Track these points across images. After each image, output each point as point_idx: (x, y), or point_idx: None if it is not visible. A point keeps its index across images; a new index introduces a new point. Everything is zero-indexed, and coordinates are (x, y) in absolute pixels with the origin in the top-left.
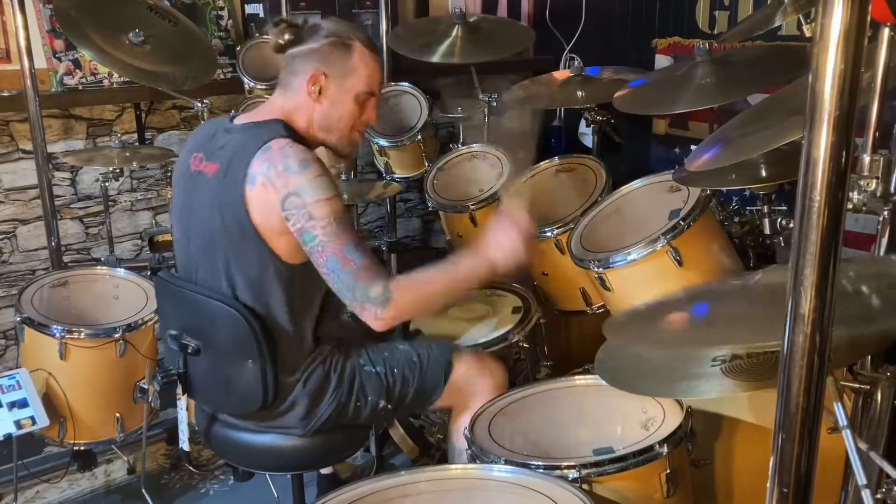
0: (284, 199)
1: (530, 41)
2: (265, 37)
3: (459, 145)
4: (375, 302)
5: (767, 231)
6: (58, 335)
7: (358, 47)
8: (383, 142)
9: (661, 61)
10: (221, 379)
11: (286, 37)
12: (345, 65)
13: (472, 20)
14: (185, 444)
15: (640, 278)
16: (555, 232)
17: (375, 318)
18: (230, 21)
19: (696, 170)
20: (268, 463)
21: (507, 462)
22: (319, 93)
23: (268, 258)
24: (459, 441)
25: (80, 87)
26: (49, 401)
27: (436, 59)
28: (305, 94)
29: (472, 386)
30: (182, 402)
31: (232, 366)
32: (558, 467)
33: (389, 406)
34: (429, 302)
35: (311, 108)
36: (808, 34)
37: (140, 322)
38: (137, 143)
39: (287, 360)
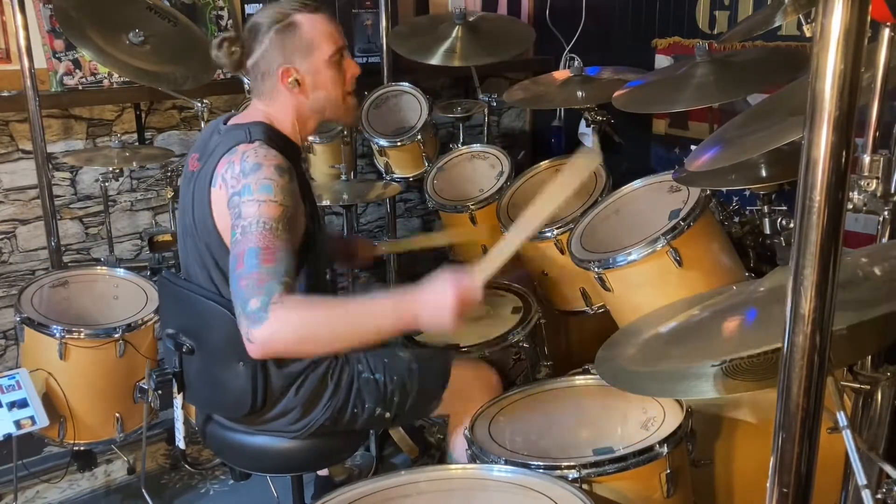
0: (230, 198)
1: (530, 41)
2: (217, 58)
3: (459, 145)
4: (250, 318)
5: (767, 231)
6: (57, 335)
7: (301, 18)
8: (383, 142)
9: (661, 61)
10: (213, 380)
11: (234, 52)
12: (302, 44)
13: (472, 19)
14: (181, 443)
15: (640, 279)
16: (555, 232)
17: (247, 339)
18: (230, 21)
19: (696, 170)
20: (264, 464)
21: (507, 462)
22: (298, 84)
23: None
24: (457, 452)
25: (80, 87)
26: (49, 401)
27: (435, 60)
28: (286, 92)
29: (468, 394)
30: (178, 400)
31: (224, 367)
32: (558, 467)
33: (387, 414)
34: (314, 333)
35: (296, 101)
36: (808, 34)
37: (140, 322)
38: (137, 143)
39: (279, 364)
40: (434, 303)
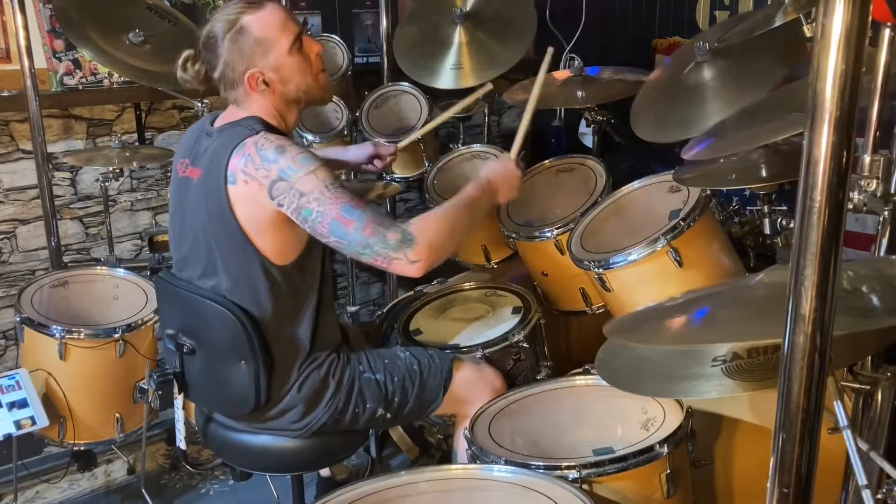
0: (271, 188)
1: (532, 31)
2: (184, 80)
3: (459, 145)
4: (399, 247)
5: (767, 231)
6: (57, 335)
7: (249, 20)
8: (383, 142)
9: (662, 61)
10: (215, 379)
11: (198, 70)
12: (257, 44)
13: (469, 9)
14: (181, 443)
15: (640, 279)
16: (555, 232)
17: (410, 264)
18: None
19: (689, 158)
20: (265, 463)
21: (507, 462)
22: (266, 84)
23: (254, 258)
24: (461, 452)
25: (80, 87)
26: (49, 401)
27: (444, 83)
28: (257, 95)
29: (471, 395)
30: (179, 401)
31: (225, 366)
32: (558, 467)
33: (388, 415)
34: (453, 230)
35: (270, 99)
36: (808, 34)
37: (140, 322)
38: (137, 143)
39: (281, 363)
40: (497, 169)
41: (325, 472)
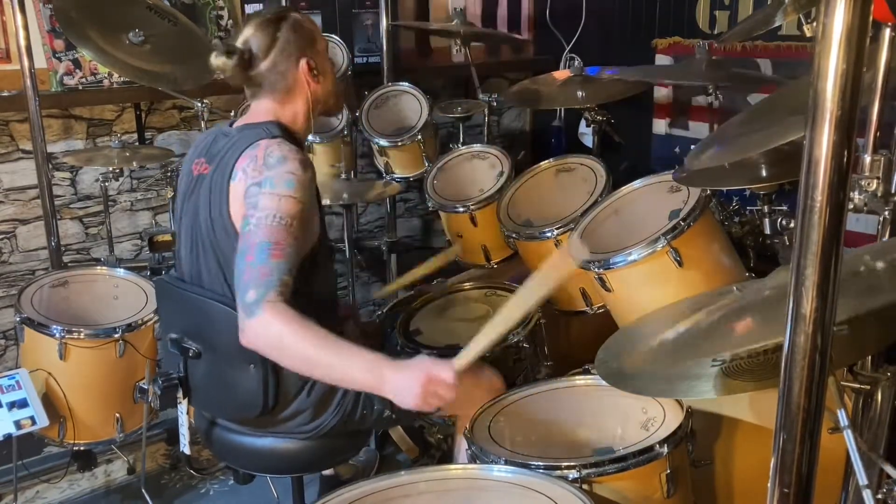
0: (248, 188)
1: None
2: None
3: (459, 145)
4: (244, 307)
5: (768, 231)
6: (57, 335)
7: (297, 16)
8: (383, 142)
9: (662, 61)
10: (222, 383)
11: (244, 58)
12: (310, 37)
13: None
14: (185, 448)
15: (641, 279)
16: (555, 232)
17: (241, 326)
18: (230, 21)
19: (696, 168)
20: (268, 465)
21: (507, 462)
22: (317, 72)
23: None
24: (462, 452)
25: (80, 87)
26: (49, 401)
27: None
28: (304, 83)
29: (473, 396)
30: (183, 405)
31: (233, 370)
32: (558, 467)
33: (394, 415)
34: (292, 349)
35: (311, 92)
36: (808, 34)
37: (140, 322)
38: (137, 143)
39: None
40: (401, 385)
41: (326, 470)
